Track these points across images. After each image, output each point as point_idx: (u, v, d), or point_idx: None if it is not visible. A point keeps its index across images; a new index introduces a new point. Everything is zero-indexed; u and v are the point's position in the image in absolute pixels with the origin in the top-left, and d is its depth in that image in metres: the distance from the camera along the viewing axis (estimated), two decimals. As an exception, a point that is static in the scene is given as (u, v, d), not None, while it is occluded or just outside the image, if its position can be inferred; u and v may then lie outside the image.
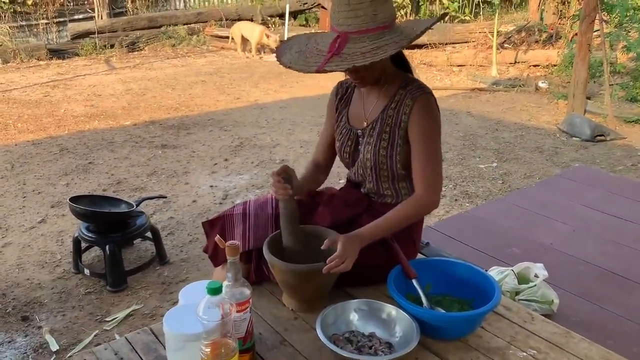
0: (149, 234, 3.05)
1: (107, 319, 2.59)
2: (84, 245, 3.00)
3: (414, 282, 1.66)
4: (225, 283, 1.34)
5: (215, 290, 1.25)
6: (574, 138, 5.05)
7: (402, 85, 1.68)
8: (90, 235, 2.86)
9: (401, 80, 1.70)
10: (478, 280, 1.67)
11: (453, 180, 4.10)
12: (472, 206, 3.68)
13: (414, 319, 1.48)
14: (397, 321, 1.53)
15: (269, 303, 1.68)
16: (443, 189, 3.96)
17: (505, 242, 2.46)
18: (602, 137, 5.00)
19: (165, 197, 3.71)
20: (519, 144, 4.89)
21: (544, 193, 3.02)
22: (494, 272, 2.05)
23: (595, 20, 5.51)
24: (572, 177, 3.25)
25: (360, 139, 1.74)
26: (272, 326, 1.59)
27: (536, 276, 1.96)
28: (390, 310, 1.55)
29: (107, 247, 2.82)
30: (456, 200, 3.78)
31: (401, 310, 1.53)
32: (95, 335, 2.47)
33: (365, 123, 1.73)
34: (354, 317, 1.56)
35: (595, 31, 5.85)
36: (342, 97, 1.83)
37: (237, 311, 1.35)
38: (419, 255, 1.97)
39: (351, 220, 1.75)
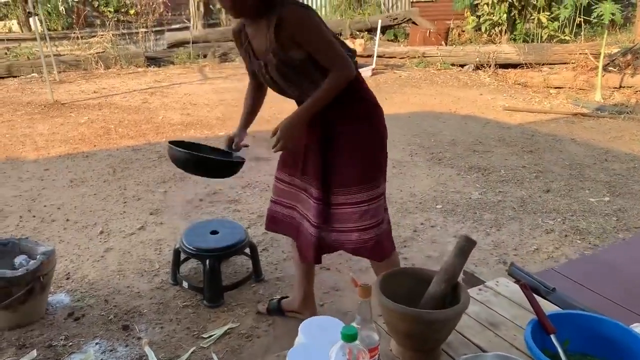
0: (247, 250, 3.02)
1: (204, 336, 2.56)
2: (183, 256, 3.01)
3: (552, 337, 1.49)
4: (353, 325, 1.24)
5: (351, 337, 1.16)
6: (695, 174, 4.60)
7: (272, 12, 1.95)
8: (191, 247, 2.86)
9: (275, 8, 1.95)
10: (626, 341, 1.47)
11: (562, 214, 3.82)
12: (584, 244, 3.40)
13: (558, 382, 1.32)
14: (537, 382, 1.36)
15: (384, 344, 1.56)
16: (551, 222, 3.70)
17: (641, 293, 2.20)
18: None
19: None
20: (632, 178, 4.51)
21: (677, 238, 2.72)
22: (639, 330, 1.82)
23: None
24: None
25: (263, 68, 2.06)
26: (395, 372, 1.47)
27: (692, 341, 1.71)
28: (530, 369, 1.39)
29: (207, 261, 2.80)
30: (566, 236, 3.51)
31: (542, 371, 1.36)
32: (192, 352, 2.45)
33: (264, 52, 2.03)
34: (487, 373, 1.41)
35: None
36: (243, 39, 2.13)
37: (365, 358, 1.25)
38: (548, 304, 1.79)
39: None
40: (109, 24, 10.39)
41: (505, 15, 10.20)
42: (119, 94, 7.43)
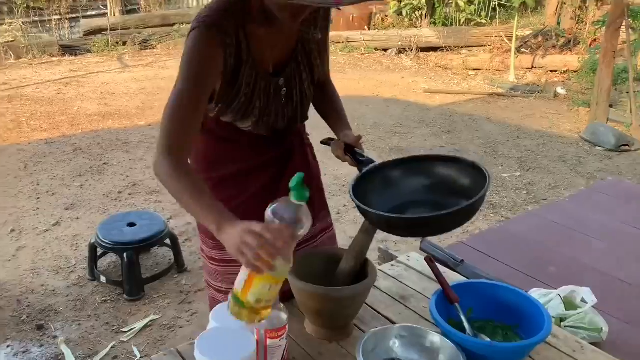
0: (167, 241, 2.97)
1: (125, 330, 2.51)
2: (100, 251, 2.92)
3: (456, 306, 1.57)
4: None
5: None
6: (597, 147, 4.93)
7: None
8: (107, 241, 2.78)
9: None
10: (524, 305, 1.57)
11: (476, 190, 3.99)
12: (497, 217, 3.58)
13: (460, 349, 1.39)
14: (441, 349, 1.43)
15: (299, 324, 1.59)
16: (466, 198, 3.86)
17: (543, 260, 2.35)
18: (626, 147, 4.88)
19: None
20: (541, 153, 4.78)
21: (576, 207, 2.91)
22: (537, 295, 1.95)
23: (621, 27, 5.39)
24: (604, 190, 3.14)
25: (284, 89, 1.40)
26: (307, 350, 1.49)
27: (583, 301, 1.86)
28: (434, 338, 1.46)
29: (124, 254, 2.74)
30: (480, 210, 3.66)
31: (445, 339, 1.43)
32: (112, 347, 2.40)
33: (272, 66, 1.38)
34: (394, 343, 1.46)
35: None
36: (236, 51, 1.29)
37: (273, 337, 1.27)
38: (456, 276, 1.88)
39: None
40: (18, 11, 9.79)
41: (424, 0, 10.44)
42: (31, 85, 7.05)
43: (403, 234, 1.39)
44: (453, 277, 1.78)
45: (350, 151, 1.43)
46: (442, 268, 1.73)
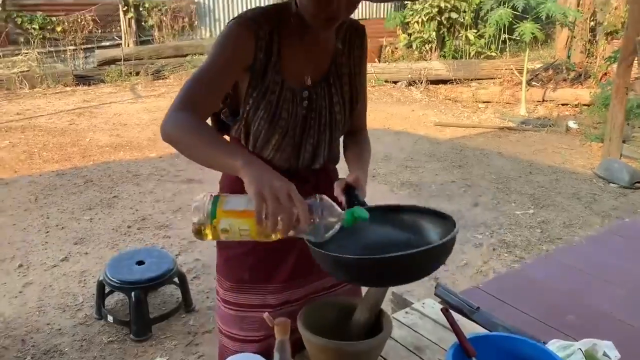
0: (175, 279, 2.92)
1: (130, 373, 2.45)
2: (107, 289, 2.88)
3: (474, 361, 1.51)
4: None
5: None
6: (611, 184, 4.86)
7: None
8: (115, 280, 2.74)
9: None
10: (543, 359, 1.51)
11: (489, 227, 3.93)
12: (511, 257, 3.51)
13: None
14: (459, 409, 1.37)
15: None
16: (480, 236, 3.81)
17: (560, 307, 2.28)
18: (641, 184, 4.82)
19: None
20: (554, 189, 4.72)
21: (593, 251, 2.84)
22: (556, 347, 1.88)
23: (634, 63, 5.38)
24: (621, 232, 3.07)
25: (306, 102, 1.32)
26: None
27: (605, 355, 1.78)
28: (452, 396, 1.40)
29: (132, 293, 2.69)
30: (494, 249, 3.61)
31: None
32: (117, 391, 2.33)
33: (309, 79, 1.32)
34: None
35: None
36: (266, 47, 1.25)
37: (286, 396, 1.22)
38: (472, 324, 1.82)
39: None
40: (34, 42, 9.97)
41: (434, 33, 10.53)
42: (45, 115, 7.12)
43: (363, 281, 1.22)
44: (469, 327, 1.72)
45: (350, 192, 1.29)
46: (457, 316, 1.67)
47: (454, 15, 10.44)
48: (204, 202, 1.07)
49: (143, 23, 11.18)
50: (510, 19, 7.75)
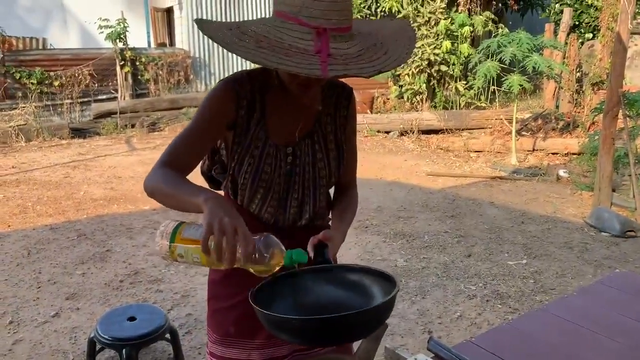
0: (167, 335, 2.89)
1: None
2: (99, 346, 2.84)
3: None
4: None
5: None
6: (603, 233, 4.90)
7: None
8: (106, 337, 2.71)
9: None
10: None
11: (483, 279, 3.93)
12: (504, 308, 3.50)
13: None
14: None
15: None
16: (473, 287, 3.81)
17: (554, 362, 2.27)
18: (632, 233, 4.85)
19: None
20: (547, 239, 4.75)
21: (585, 303, 2.84)
22: (550, 405, 1.86)
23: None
24: (614, 284, 3.07)
25: (290, 157, 1.38)
26: None
27: (599, 413, 1.77)
28: None
29: (123, 350, 2.65)
30: (487, 301, 3.60)
31: None
32: None
33: (294, 136, 1.38)
34: None
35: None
36: (248, 105, 1.34)
37: None
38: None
39: None
40: (32, 96, 10.14)
41: (425, 84, 10.79)
42: (40, 169, 7.17)
43: (306, 340, 1.20)
44: (463, 385, 1.71)
45: (319, 248, 1.30)
46: (450, 374, 1.67)
47: (443, 67, 10.73)
48: (167, 227, 1.17)
49: (139, 77, 11.42)
50: (498, 72, 7.97)
